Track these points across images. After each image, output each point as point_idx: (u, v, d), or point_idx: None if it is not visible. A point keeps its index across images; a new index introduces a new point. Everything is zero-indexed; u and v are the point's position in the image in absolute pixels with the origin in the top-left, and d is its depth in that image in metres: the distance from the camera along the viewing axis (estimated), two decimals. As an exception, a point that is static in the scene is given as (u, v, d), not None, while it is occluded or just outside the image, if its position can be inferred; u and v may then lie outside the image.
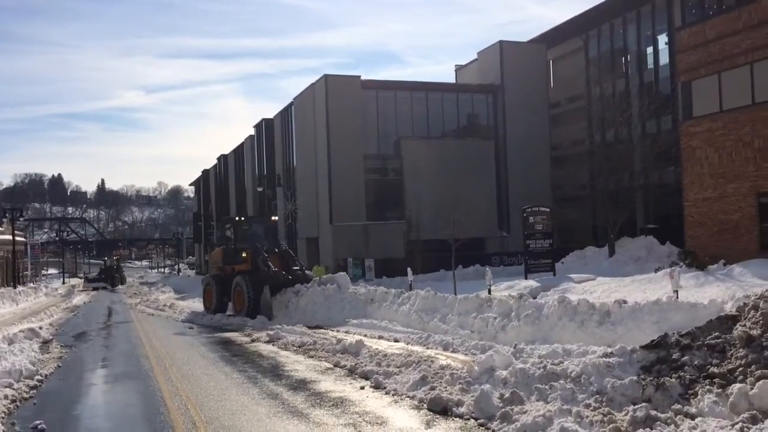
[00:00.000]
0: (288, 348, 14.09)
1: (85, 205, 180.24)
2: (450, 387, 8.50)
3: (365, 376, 10.15)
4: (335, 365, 11.49)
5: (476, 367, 8.87)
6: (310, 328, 17.52)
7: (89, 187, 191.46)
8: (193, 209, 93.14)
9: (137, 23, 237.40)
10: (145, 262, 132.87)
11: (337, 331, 16.79)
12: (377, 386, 9.43)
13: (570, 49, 39.69)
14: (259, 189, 48.77)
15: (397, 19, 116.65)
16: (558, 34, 39.31)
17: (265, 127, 49.61)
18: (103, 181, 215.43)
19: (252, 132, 53.72)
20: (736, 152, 22.37)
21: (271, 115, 48.72)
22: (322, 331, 17.04)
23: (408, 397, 8.64)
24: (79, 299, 41.70)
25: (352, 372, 10.71)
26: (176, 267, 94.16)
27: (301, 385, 9.91)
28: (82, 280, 68.67)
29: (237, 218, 25.25)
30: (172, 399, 9.25)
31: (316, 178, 38.91)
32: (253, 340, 15.83)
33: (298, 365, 11.86)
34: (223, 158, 64.50)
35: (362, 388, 9.52)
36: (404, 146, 37.54)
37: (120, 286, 60.15)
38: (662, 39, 33.42)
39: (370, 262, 32.48)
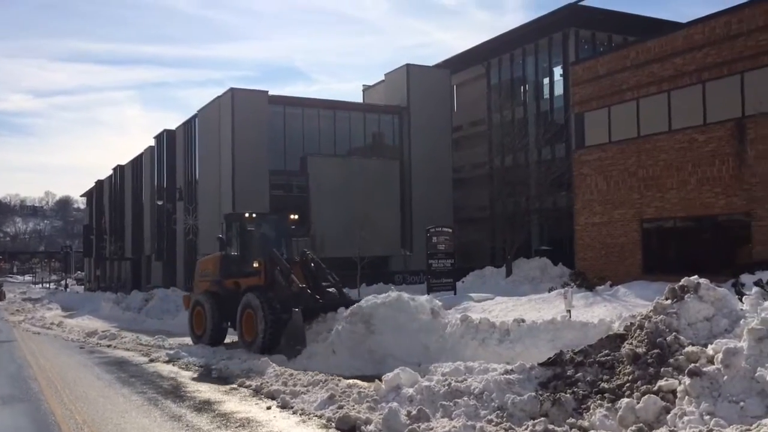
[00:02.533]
0: (189, 368, 13.72)
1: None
2: (358, 405, 8.61)
3: (271, 396, 10.07)
4: (240, 385, 11.32)
5: (383, 386, 9.03)
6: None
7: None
8: (83, 221, 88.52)
9: (29, 24, 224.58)
10: (28, 277, 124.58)
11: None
12: (284, 406, 9.40)
13: (473, 76, 41.22)
14: (159, 202, 47.15)
15: (303, 35, 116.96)
16: (462, 60, 40.75)
17: (166, 138, 48.13)
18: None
19: (152, 143, 51.95)
20: (622, 181, 24.00)
21: (169, 126, 47.47)
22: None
23: (316, 416, 8.67)
24: (-47, 316, 38.58)
25: (257, 392, 10.59)
26: (63, 282, 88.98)
27: (205, 407, 9.70)
28: (-44, 296, 63.52)
29: (246, 214, 17.61)
30: (66, 422, 8.82)
31: (219, 192, 38.11)
32: (151, 360, 15.27)
33: (202, 386, 11.59)
34: (119, 169, 61.87)
35: (269, 408, 9.45)
36: (310, 163, 37.53)
37: (0, 303, 56.11)
38: (557, 71, 35.39)
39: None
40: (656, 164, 22.69)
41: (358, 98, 46.67)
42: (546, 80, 36.66)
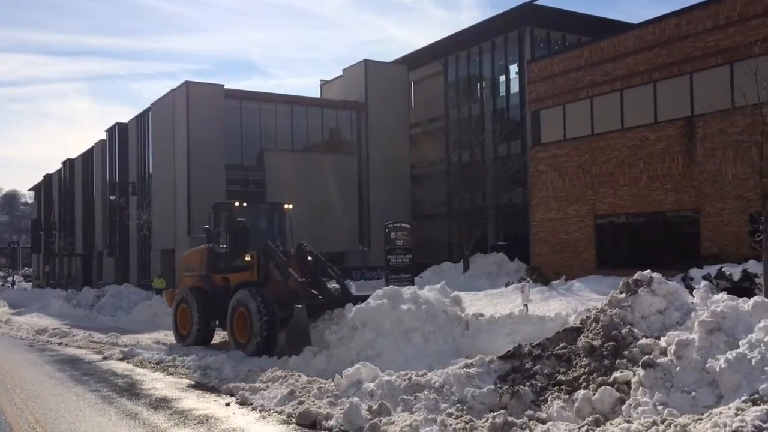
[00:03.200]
0: (145, 365, 13.46)
1: None
2: (318, 401, 8.59)
3: (230, 393, 9.97)
4: (198, 382, 11.17)
5: (344, 381, 9.02)
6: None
7: None
8: (31, 216, 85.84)
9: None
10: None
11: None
12: (243, 402, 9.31)
13: (430, 72, 41.41)
14: (111, 197, 46.04)
15: (259, 29, 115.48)
16: (419, 57, 40.91)
17: (118, 131, 47.04)
18: None
19: (103, 136, 50.70)
20: (577, 177, 24.48)
21: (121, 119, 46.37)
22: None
23: (276, 412, 8.62)
24: None
25: (216, 389, 10.47)
26: (10, 279, 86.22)
27: (162, 404, 9.54)
28: None
29: (236, 203, 16.00)
30: (18, 422, 8.55)
31: (174, 187, 37.44)
32: (105, 358, 14.93)
33: (158, 383, 11.38)
34: (69, 163, 60.18)
35: (228, 404, 9.35)
36: (267, 158, 37.19)
37: (-58, 300, 54.01)
38: (514, 69, 35.84)
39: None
40: (609, 161, 23.21)
41: (316, 93, 46.44)
42: (502, 78, 37.08)
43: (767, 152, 12.75)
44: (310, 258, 15.18)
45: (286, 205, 16.79)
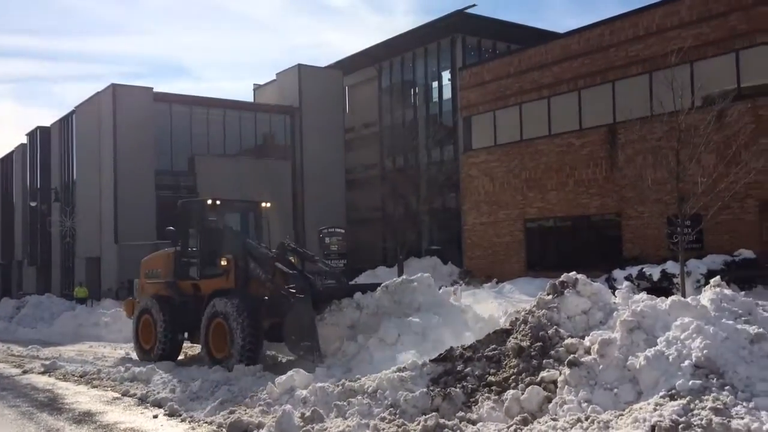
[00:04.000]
0: (68, 378, 12.91)
1: None
2: (250, 410, 8.46)
3: (158, 404, 9.68)
4: (124, 394, 10.79)
5: (276, 389, 8.92)
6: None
7: None
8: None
9: None
10: None
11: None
12: (172, 414, 9.07)
13: (364, 78, 41.59)
14: (32, 203, 44.12)
15: (191, 31, 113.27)
16: (353, 62, 41.03)
17: (40, 135, 45.13)
18: None
19: (24, 140, 48.56)
20: (507, 182, 25.08)
21: (45, 123, 44.52)
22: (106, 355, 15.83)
23: (206, 422, 8.43)
24: None
25: (143, 400, 10.15)
26: None
27: (86, 418, 9.18)
28: None
29: (208, 201, 14.22)
30: (-74, 444, 8.07)
31: (99, 193, 36.21)
32: (24, 372, 14.24)
33: (81, 396, 10.95)
34: (-14, 167, 57.36)
35: (155, 416, 9.08)
36: (199, 164, 36.46)
37: None
38: (446, 75, 36.43)
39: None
40: (538, 167, 23.87)
41: (249, 97, 45.87)
42: (435, 84, 37.62)
43: (683, 158, 13.40)
44: (293, 258, 13.33)
45: (263, 204, 15.33)
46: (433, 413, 7.33)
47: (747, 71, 18.60)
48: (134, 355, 15.30)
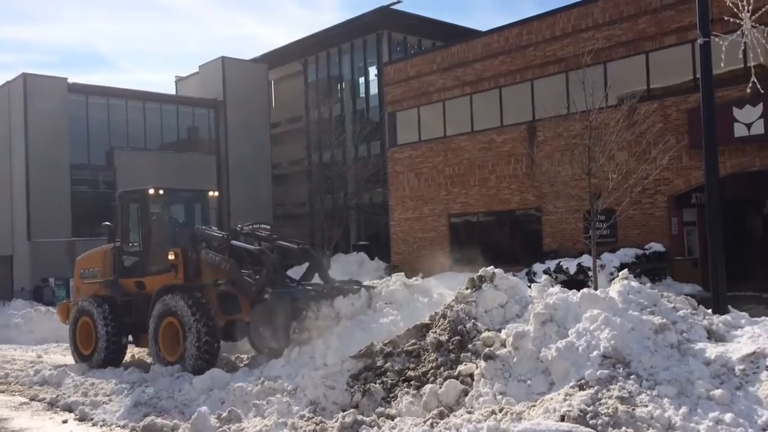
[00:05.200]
0: (-28, 385, 12.24)
1: None
2: (165, 413, 8.25)
3: (68, 408, 9.31)
4: (32, 399, 10.32)
5: (193, 389, 8.74)
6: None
7: None
8: None
9: None
10: None
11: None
12: (83, 418, 8.73)
13: (290, 72, 41.15)
14: (-66, 199, 41.44)
15: (106, 19, 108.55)
16: (279, 56, 40.52)
17: (-57, 127, 42.46)
18: None
19: (-75, 132, 45.53)
20: (432, 178, 25.38)
21: (-49, 114, 41.87)
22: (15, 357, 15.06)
23: (119, 426, 8.17)
24: None
25: (52, 405, 9.74)
26: None
27: (-11, 426, 8.73)
28: None
29: (150, 191, 12.96)
30: None
31: (10, 188, 34.40)
32: (-77, 379, 13.39)
33: (-14, 403, 10.40)
34: None
35: (65, 421, 8.73)
36: (118, 157, 35.16)
37: None
38: (372, 71, 36.49)
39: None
40: (461, 163, 24.27)
41: (172, 90, 44.58)
42: (362, 79, 37.61)
43: (596, 155, 13.93)
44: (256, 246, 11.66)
45: (210, 193, 14.24)
46: (352, 410, 7.35)
47: (655, 72, 19.50)
48: (50, 359, 14.65)
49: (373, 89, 36.26)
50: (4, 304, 29.06)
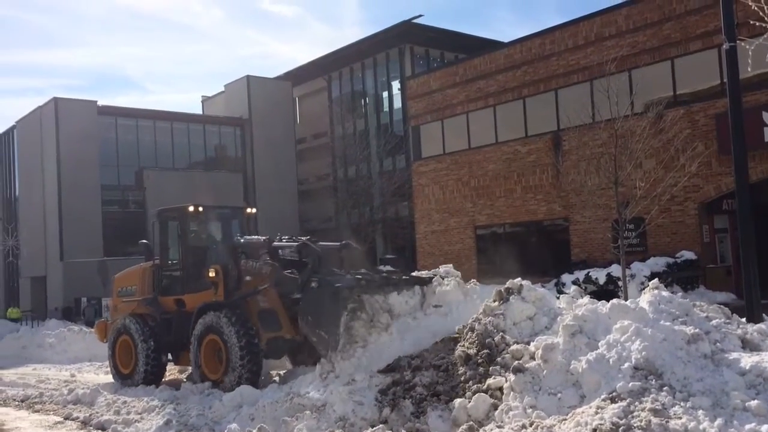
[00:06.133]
0: (8, 404, 12.46)
1: None
2: (195, 430, 8.30)
3: (102, 427, 9.42)
4: (66, 418, 10.47)
5: (223, 406, 8.79)
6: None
7: None
8: None
9: None
10: None
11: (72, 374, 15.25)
12: (116, 436, 8.84)
13: (314, 88, 41.54)
14: (-28, 222, 42.54)
15: (133, 43, 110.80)
16: (303, 73, 40.95)
17: (-21, 152, 43.64)
18: None
19: (-38, 157, 46.83)
20: (457, 190, 25.32)
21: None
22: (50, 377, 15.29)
23: (151, 444, 8.25)
24: None
25: (86, 424, 9.86)
26: None
27: (24, 445, 8.88)
28: None
29: (190, 208, 12.95)
30: None
31: (44, 210, 35.18)
32: (-39, 399, 13.68)
33: (22, 422, 10.56)
34: None
35: (99, 440, 8.84)
36: (147, 177, 35.80)
37: None
38: (396, 85, 36.67)
39: (108, 302, 30.13)
40: (486, 174, 24.18)
41: (198, 109, 45.29)
42: (385, 93, 37.82)
43: (623, 163, 13.77)
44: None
45: (248, 210, 14.16)
46: (381, 425, 7.32)
47: (682, 78, 19.26)
48: (83, 378, 14.89)
49: (397, 103, 36.43)
50: (38, 324, 29.63)
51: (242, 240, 12.13)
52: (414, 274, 11.12)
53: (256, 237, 12.31)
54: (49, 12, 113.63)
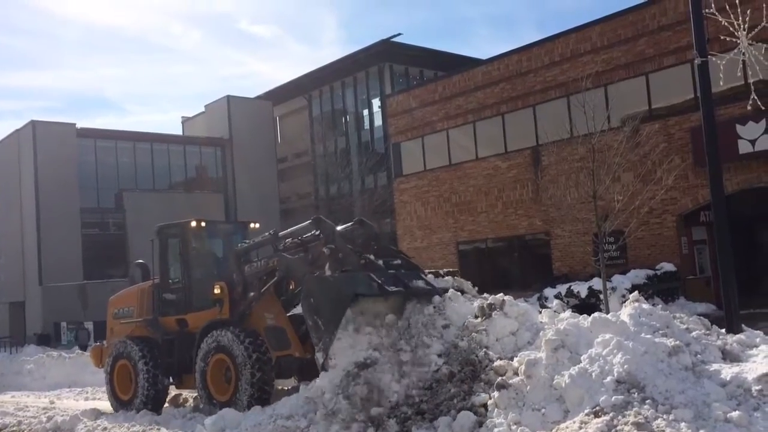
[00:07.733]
0: (-16, 433, 12.20)
1: None
2: (178, 455, 8.18)
3: (82, 456, 9.26)
4: (45, 447, 10.28)
5: (205, 430, 8.67)
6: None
7: None
8: None
9: None
10: None
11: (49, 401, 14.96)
12: (96, 465, 8.67)
13: (295, 108, 41.64)
14: (-53, 248, 41.82)
15: (112, 64, 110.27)
16: (283, 92, 41.04)
17: (-46, 176, 43.03)
18: None
19: (-63, 181, 46.14)
20: (438, 206, 25.41)
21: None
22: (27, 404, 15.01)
23: (132, 472, 8.10)
24: None
25: (66, 453, 9.69)
26: None
27: (2, 477, 8.67)
28: None
29: (192, 223, 12.53)
30: None
31: (21, 234, 34.70)
32: (-65, 430, 13.35)
33: (-1, 453, 10.36)
34: None
35: (79, 469, 8.66)
36: (127, 199, 35.50)
37: None
38: (376, 103, 36.86)
39: (90, 326, 29.66)
40: (467, 190, 24.30)
41: (178, 130, 45.12)
42: (366, 112, 37.99)
43: (601, 177, 13.92)
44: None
45: (252, 224, 13.70)
46: (368, 445, 7.26)
47: (657, 93, 19.56)
48: (63, 405, 14.61)
49: (377, 121, 36.61)
50: (16, 350, 29.07)
51: (246, 244, 11.70)
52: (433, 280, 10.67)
53: (260, 236, 11.78)
54: (27, 34, 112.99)
